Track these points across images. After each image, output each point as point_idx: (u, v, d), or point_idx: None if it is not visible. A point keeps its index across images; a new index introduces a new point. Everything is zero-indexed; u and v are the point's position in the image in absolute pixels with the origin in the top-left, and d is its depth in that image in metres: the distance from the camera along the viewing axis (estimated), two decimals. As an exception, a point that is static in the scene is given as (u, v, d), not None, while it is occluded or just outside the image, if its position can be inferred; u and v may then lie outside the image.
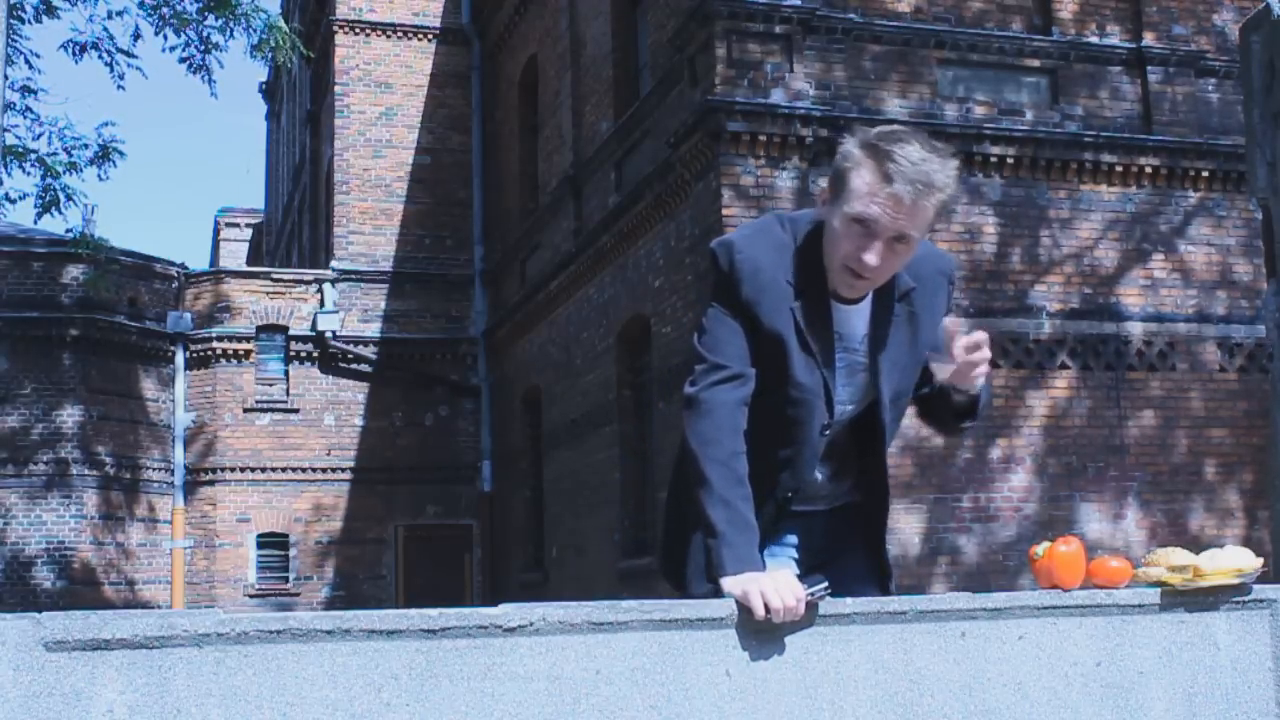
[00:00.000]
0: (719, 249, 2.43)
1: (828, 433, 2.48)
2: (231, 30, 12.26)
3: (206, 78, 12.78)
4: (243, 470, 18.27)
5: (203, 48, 12.54)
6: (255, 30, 12.23)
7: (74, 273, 17.24)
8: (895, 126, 2.38)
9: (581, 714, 2.01)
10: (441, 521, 18.87)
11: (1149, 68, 11.57)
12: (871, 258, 2.30)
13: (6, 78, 10.13)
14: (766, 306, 2.37)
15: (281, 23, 12.51)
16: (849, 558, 2.60)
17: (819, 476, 2.54)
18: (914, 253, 2.37)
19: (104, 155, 13.12)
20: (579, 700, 2.01)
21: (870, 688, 2.17)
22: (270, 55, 12.84)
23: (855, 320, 2.45)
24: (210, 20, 12.30)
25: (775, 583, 2.11)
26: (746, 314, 2.38)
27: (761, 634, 2.12)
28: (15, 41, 12.30)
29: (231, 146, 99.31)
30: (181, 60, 12.64)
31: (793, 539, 2.56)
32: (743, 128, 10.27)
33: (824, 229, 2.40)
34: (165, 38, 12.55)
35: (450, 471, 18.87)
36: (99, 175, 13.40)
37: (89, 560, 17.09)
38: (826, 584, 2.18)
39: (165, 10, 12.31)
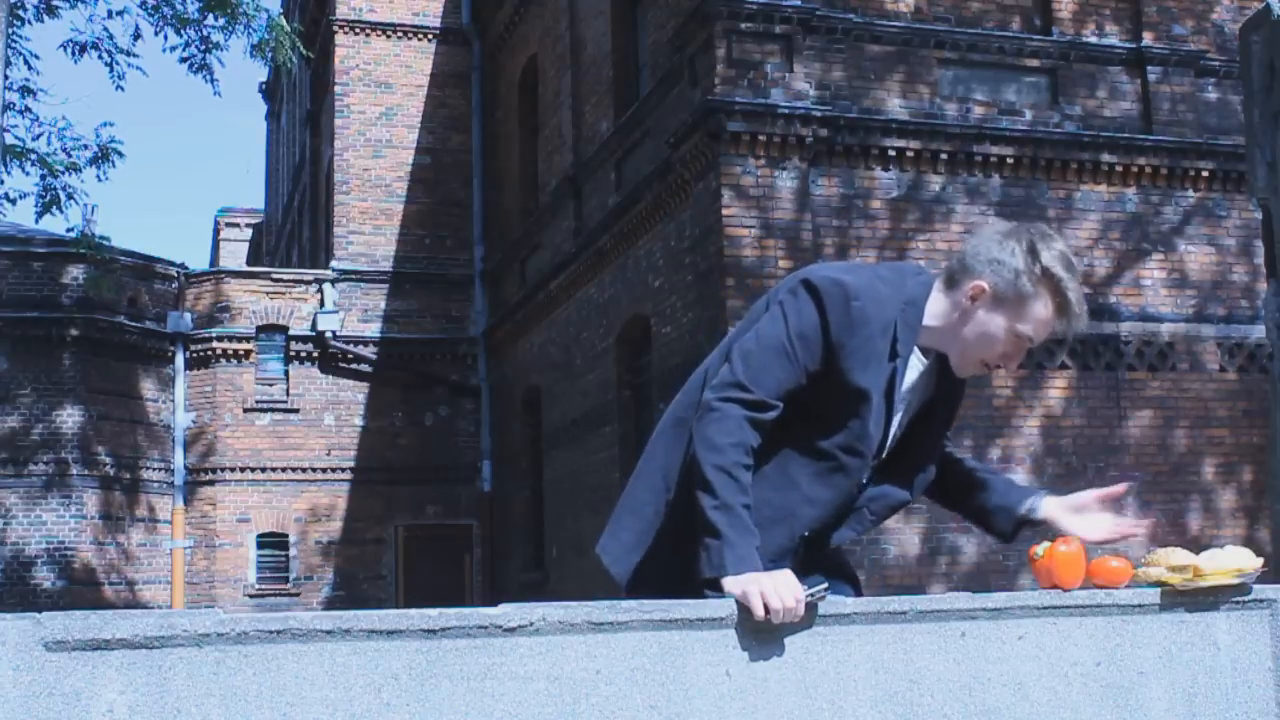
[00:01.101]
0: (831, 288, 2.39)
1: (864, 482, 2.52)
2: (233, 29, 12.27)
3: (208, 77, 12.79)
4: (243, 470, 18.27)
5: (203, 47, 12.55)
6: (256, 30, 12.24)
7: (74, 273, 17.24)
8: (1049, 235, 2.46)
9: (581, 714, 2.01)
10: (441, 521, 18.86)
11: (1148, 67, 11.57)
12: (1015, 365, 2.50)
13: (7, 78, 10.13)
14: (861, 358, 2.37)
15: (283, 21, 12.51)
16: (823, 560, 2.59)
17: None
18: None
19: (103, 156, 13.11)
20: (579, 700, 2.01)
21: (870, 688, 2.17)
22: (270, 55, 12.84)
23: (910, 374, 2.49)
24: (211, 20, 12.31)
25: (775, 583, 2.12)
26: (834, 358, 2.37)
27: (761, 634, 2.12)
28: (15, 42, 12.29)
29: (231, 146, 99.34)
30: (182, 60, 12.66)
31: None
32: (743, 128, 10.27)
33: (946, 314, 2.46)
34: (165, 37, 12.56)
35: (450, 471, 18.86)
36: (97, 176, 13.41)
37: (89, 560, 17.09)
38: (826, 584, 2.18)
39: (166, 10, 12.32)
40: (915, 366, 2.49)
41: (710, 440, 2.30)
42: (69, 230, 14.23)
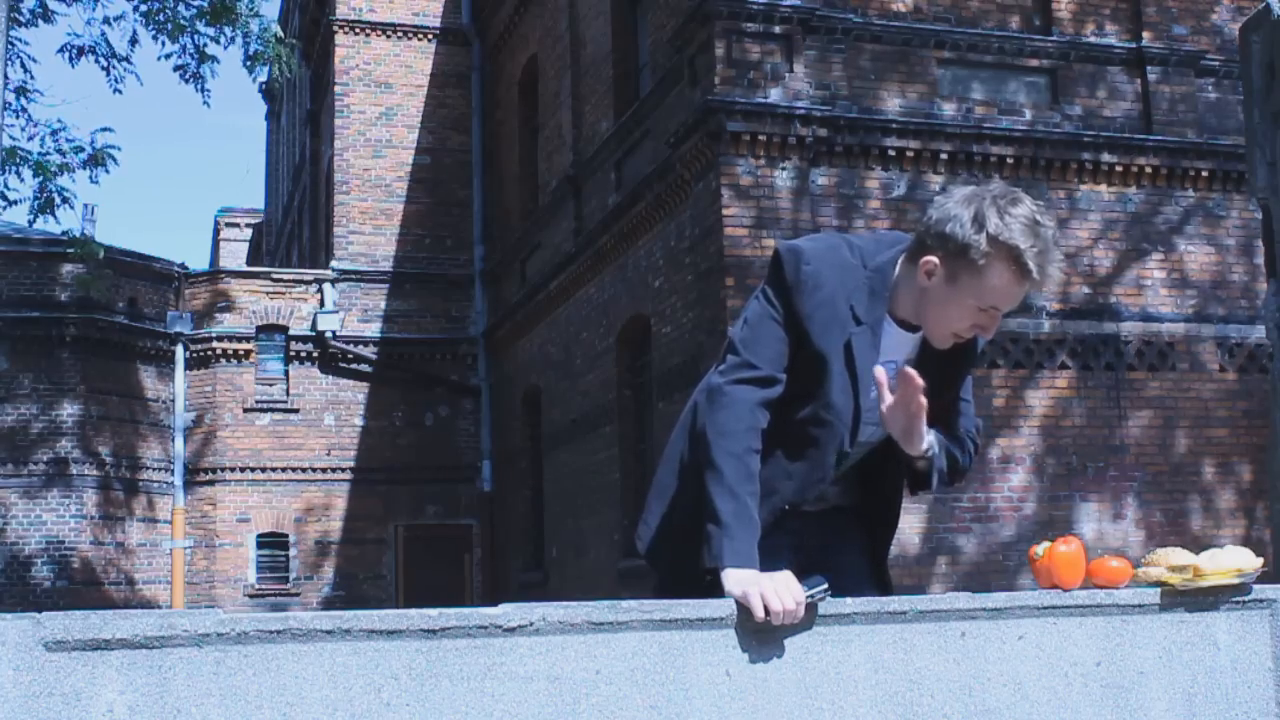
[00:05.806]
0: (787, 254, 2.41)
1: (845, 459, 2.50)
2: (231, 37, 12.24)
3: (200, 86, 12.74)
4: (243, 470, 18.27)
5: (197, 57, 12.51)
6: (252, 39, 12.20)
7: (72, 272, 17.24)
8: (998, 189, 2.33)
9: (581, 714, 2.01)
10: (441, 521, 18.86)
11: (1148, 67, 11.57)
12: (990, 335, 2.38)
13: (6, 79, 10.12)
14: (819, 322, 2.37)
15: (278, 28, 12.48)
16: (847, 559, 2.61)
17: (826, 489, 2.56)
18: None
19: (97, 160, 13.05)
20: (579, 700, 2.01)
21: (870, 688, 2.17)
22: (268, 65, 12.81)
23: (901, 348, 2.46)
24: (206, 29, 12.26)
25: (775, 584, 2.12)
26: (797, 323, 2.38)
27: (761, 634, 2.12)
28: (12, 44, 12.26)
29: (231, 147, 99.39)
30: (175, 69, 12.61)
31: (784, 540, 2.55)
32: (742, 127, 10.27)
33: (915, 286, 2.38)
34: (162, 44, 12.52)
35: (450, 471, 18.86)
36: (90, 178, 13.36)
37: (89, 559, 17.09)
38: (826, 585, 2.18)
39: (161, 17, 12.28)
40: (897, 336, 2.45)
41: (721, 426, 2.32)
42: (64, 232, 14.22)
